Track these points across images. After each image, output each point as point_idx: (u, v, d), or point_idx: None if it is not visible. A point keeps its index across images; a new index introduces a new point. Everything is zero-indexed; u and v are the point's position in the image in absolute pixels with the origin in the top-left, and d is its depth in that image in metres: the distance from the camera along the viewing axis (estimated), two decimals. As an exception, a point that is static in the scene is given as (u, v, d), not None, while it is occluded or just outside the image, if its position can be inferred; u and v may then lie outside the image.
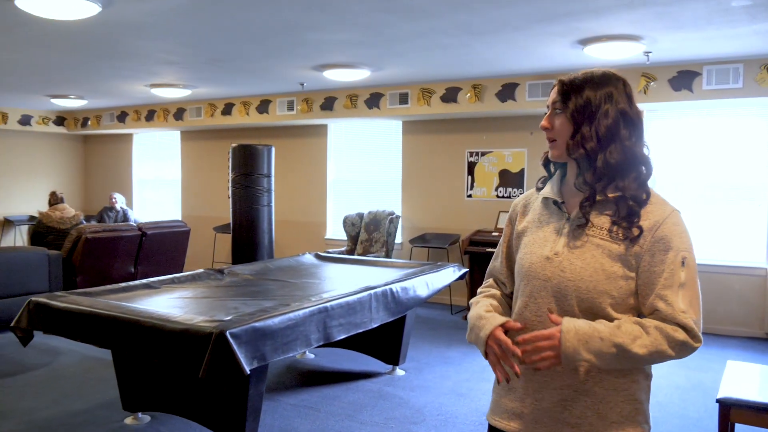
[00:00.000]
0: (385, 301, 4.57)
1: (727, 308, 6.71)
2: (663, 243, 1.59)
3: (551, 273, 1.63)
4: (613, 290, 1.57)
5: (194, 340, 3.30)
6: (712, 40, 5.23)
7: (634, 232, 1.58)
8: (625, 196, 1.61)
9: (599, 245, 1.60)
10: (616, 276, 1.57)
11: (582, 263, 1.60)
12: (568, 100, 1.65)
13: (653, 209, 1.63)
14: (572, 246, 1.63)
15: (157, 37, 5.34)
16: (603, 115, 1.62)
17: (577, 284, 1.59)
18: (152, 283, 4.72)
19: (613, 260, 1.58)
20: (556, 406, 1.63)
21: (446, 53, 5.81)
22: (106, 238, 7.47)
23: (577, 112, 1.64)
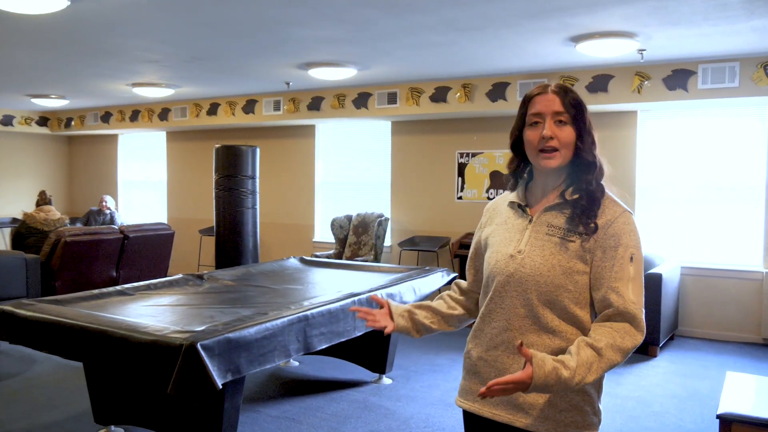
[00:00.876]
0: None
1: (722, 313, 6.56)
2: (614, 239, 1.71)
3: (513, 269, 1.77)
4: (570, 284, 1.72)
5: (163, 353, 3.11)
6: (708, 37, 5.07)
7: (590, 228, 1.72)
8: (582, 197, 1.76)
9: (557, 243, 1.74)
10: (573, 271, 1.72)
11: (541, 260, 1.74)
12: (570, 110, 1.76)
13: (607, 208, 1.76)
14: (533, 245, 1.77)
15: (133, 34, 5.14)
16: (588, 124, 1.79)
17: (536, 279, 1.73)
18: (127, 290, 4.53)
19: (569, 256, 1.73)
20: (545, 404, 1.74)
21: (434, 51, 5.63)
22: (86, 241, 7.26)
23: (580, 121, 1.76)
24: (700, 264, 6.69)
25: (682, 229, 6.86)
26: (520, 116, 1.85)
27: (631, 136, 6.86)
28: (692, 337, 6.66)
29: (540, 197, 1.85)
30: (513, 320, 1.77)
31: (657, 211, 6.92)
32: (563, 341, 1.73)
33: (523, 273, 1.75)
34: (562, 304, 1.73)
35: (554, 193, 1.82)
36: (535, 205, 1.85)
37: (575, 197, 1.76)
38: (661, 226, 6.92)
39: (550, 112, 1.76)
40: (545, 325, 1.74)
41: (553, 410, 1.74)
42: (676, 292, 6.46)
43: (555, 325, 1.74)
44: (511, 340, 1.77)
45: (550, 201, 1.82)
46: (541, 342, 1.74)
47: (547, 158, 1.77)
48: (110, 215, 10.05)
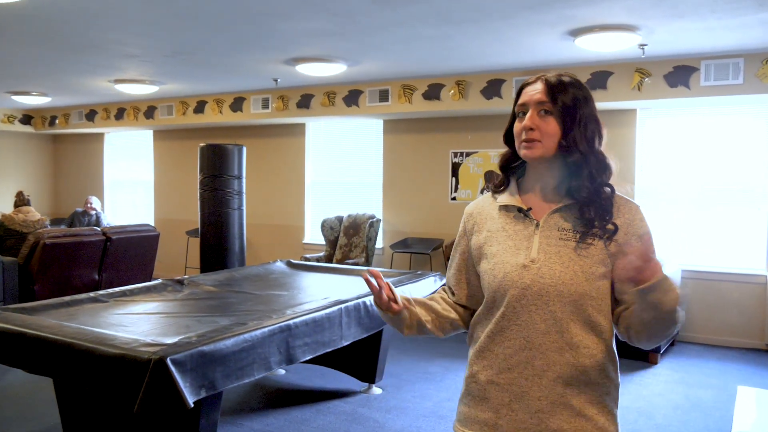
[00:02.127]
0: (358, 316, 4.15)
1: (725, 318, 6.34)
2: (635, 238, 1.62)
3: (530, 280, 1.61)
4: (593, 291, 1.59)
5: (131, 368, 2.87)
6: (713, 31, 4.84)
7: (609, 228, 1.62)
8: (595, 198, 1.64)
9: (574, 248, 1.61)
10: (595, 276, 1.59)
11: (561, 267, 1.60)
12: (556, 100, 1.63)
13: (621, 206, 1.67)
14: (547, 252, 1.62)
15: (109, 26, 4.88)
16: (586, 117, 1.64)
17: (558, 288, 1.59)
18: (100, 297, 4.27)
19: (591, 261, 1.60)
20: (532, 417, 1.60)
21: (426, 45, 5.39)
22: (66, 243, 7.00)
23: (566, 114, 1.63)
24: (702, 267, 6.47)
25: (683, 232, 6.63)
26: (513, 107, 1.75)
27: (631, 135, 6.63)
28: (694, 343, 6.44)
29: (540, 199, 1.70)
30: (533, 337, 1.61)
31: (657, 212, 6.69)
32: (585, 358, 1.59)
33: (542, 284, 1.60)
34: (586, 314, 1.59)
35: (557, 194, 1.68)
36: (536, 208, 1.69)
37: (584, 197, 1.63)
38: (662, 228, 6.69)
39: (533, 102, 1.65)
40: (569, 339, 1.59)
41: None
42: (677, 296, 6.23)
43: (579, 339, 1.59)
44: (530, 360, 1.60)
45: (554, 202, 1.68)
46: (563, 360, 1.59)
47: (526, 147, 1.65)
48: (96, 216, 9.78)
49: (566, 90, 1.64)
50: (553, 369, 1.58)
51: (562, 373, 1.58)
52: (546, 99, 1.63)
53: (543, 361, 1.59)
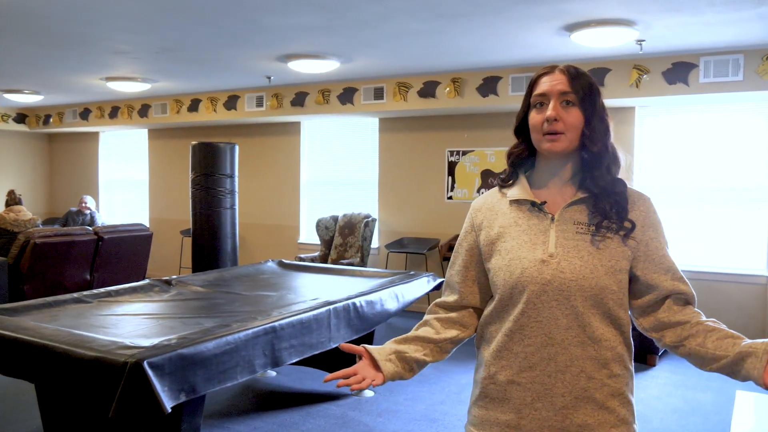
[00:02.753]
0: (347, 318, 4.06)
1: (724, 319, 6.16)
2: (652, 230, 1.63)
3: (550, 276, 1.56)
4: (614, 284, 1.57)
5: (107, 371, 2.78)
6: (712, 26, 4.74)
7: (626, 225, 1.60)
8: (610, 191, 1.62)
9: (593, 242, 1.58)
10: (615, 270, 1.57)
11: (581, 261, 1.56)
12: (578, 90, 1.58)
13: (635, 200, 1.66)
14: (565, 246, 1.59)
15: (95, 21, 4.77)
16: (602, 108, 1.62)
17: (579, 283, 1.55)
18: (85, 297, 4.18)
19: (610, 254, 1.58)
20: (557, 414, 1.58)
21: (419, 41, 5.28)
22: (57, 243, 6.91)
23: (589, 104, 1.59)
24: (701, 267, 6.35)
25: (682, 231, 6.52)
26: (525, 98, 1.67)
27: (629, 133, 6.53)
28: (693, 345, 6.32)
29: (554, 193, 1.66)
30: (555, 334, 1.57)
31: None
32: (607, 350, 1.58)
33: (563, 279, 1.56)
34: (606, 307, 1.57)
35: (571, 187, 1.65)
36: (550, 202, 1.65)
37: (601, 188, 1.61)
38: (660, 228, 6.59)
39: (555, 92, 1.58)
40: (591, 333, 1.57)
41: (603, 428, 1.59)
42: (675, 297, 6.12)
43: (600, 333, 1.57)
44: (553, 356, 1.57)
45: (568, 195, 1.64)
46: (585, 354, 1.57)
47: (551, 140, 1.59)
48: (90, 216, 9.70)
49: (584, 79, 1.60)
50: (576, 364, 1.56)
51: (584, 367, 1.56)
52: (569, 89, 1.58)
53: (566, 356, 1.56)
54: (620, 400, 1.60)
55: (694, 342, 1.60)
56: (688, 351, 1.61)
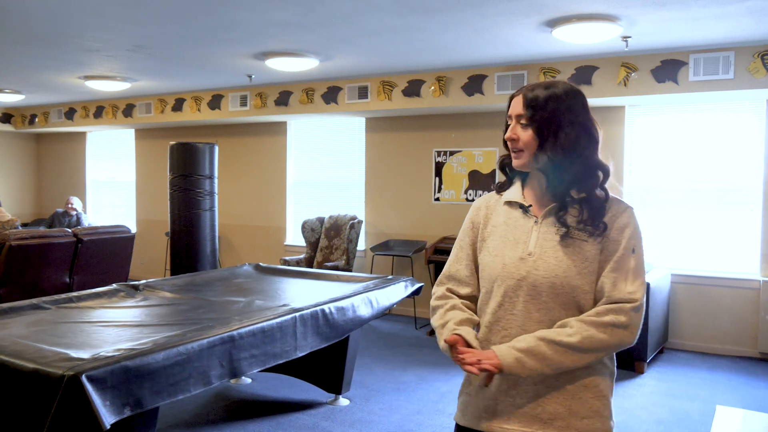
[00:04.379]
0: (315, 325, 3.88)
1: (716, 324, 6.05)
2: (617, 233, 1.71)
3: (526, 272, 1.71)
4: (585, 285, 1.69)
5: (44, 385, 2.61)
6: (699, 22, 4.56)
7: (600, 227, 1.71)
8: (588, 199, 1.73)
9: (569, 243, 1.71)
10: (587, 271, 1.69)
11: (555, 261, 1.70)
12: (534, 114, 1.74)
13: (612, 205, 1.75)
14: (543, 246, 1.73)
15: (64, 18, 4.62)
16: (566, 128, 1.72)
17: (552, 281, 1.69)
18: (43, 304, 4.01)
19: (584, 257, 1.70)
20: (530, 402, 1.70)
21: (398, 38, 5.11)
22: (34, 245, 6.75)
23: (543, 127, 1.73)
24: (692, 271, 6.18)
25: (673, 234, 6.34)
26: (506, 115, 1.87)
27: (618, 133, 6.36)
28: (683, 350, 6.15)
29: (539, 197, 1.81)
30: (528, 326, 1.71)
31: (646, 214, 6.40)
32: None
33: (537, 275, 1.71)
34: (578, 305, 1.70)
35: (549, 195, 1.79)
36: (535, 206, 1.82)
37: (582, 196, 1.74)
38: (650, 231, 6.41)
39: (514, 115, 1.78)
40: None
41: (575, 418, 1.69)
42: (666, 302, 5.95)
43: None
44: None
45: (549, 202, 1.79)
46: None
47: (515, 157, 1.79)
48: (77, 217, 9.56)
49: (544, 103, 1.73)
50: None
51: None
52: (523, 112, 1.74)
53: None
54: (593, 392, 1.70)
55: None
56: None
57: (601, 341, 1.64)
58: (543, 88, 1.76)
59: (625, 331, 1.65)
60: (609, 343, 1.65)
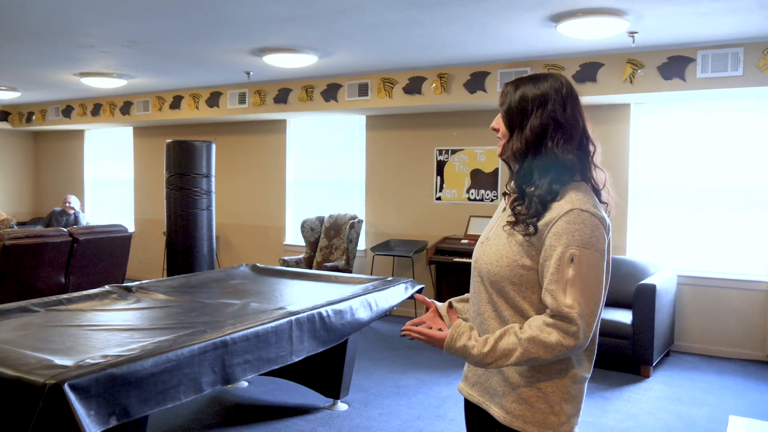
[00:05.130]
0: (312, 329, 3.77)
1: (723, 327, 5.92)
2: (554, 239, 1.67)
3: (478, 256, 1.84)
4: (514, 277, 1.73)
5: (26, 393, 2.50)
6: (708, 17, 4.43)
7: (530, 230, 1.71)
8: (540, 195, 1.72)
9: (510, 234, 1.76)
10: (516, 264, 1.72)
11: (494, 249, 1.78)
12: (503, 103, 1.81)
13: (554, 208, 1.70)
14: (495, 233, 1.82)
15: (57, 12, 4.50)
16: (533, 119, 1.74)
17: (488, 268, 1.78)
18: (32, 306, 3.90)
19: (514, 250, 1.74)
20: (483, 374, 1.87)
21: (398, 33, 4.99)
22: (28, 245, 6.63)
23: (509, 116, 1.79)
24: (699, 273, 6.05)
25: (679, 235, 6.21)
26: None
27: (624, 131, 6.22)
28: (690, 353, 6.02)
29: None
30: (480, 306, 1.83)
31: (651, 214, 6.28)
32: None
33: (482, 261, 1.81)
34: (510, 296, 1.75)
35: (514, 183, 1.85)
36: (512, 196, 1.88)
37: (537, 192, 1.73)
38: (656, 231, 6.28)
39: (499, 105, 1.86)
40: (501, 314, 1.77)
41: (506, 400, 1.79)
42: (672, 304, 5.82)
43: (507, 315, 1.76)
44: (480, 324, 1.84)
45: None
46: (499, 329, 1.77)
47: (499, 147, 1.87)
48: (74, 216, 9.45)
49: (515, 91, 1.78)
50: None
51: None
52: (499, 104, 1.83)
53: (486, 327, 1.80)
54: (526, 380, 1.76)
55: None
56: None
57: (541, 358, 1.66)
58: (528, 78, 1.80)
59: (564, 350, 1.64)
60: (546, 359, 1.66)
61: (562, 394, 1.76)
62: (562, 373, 1.76)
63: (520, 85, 1.78)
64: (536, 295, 1.72)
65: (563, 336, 1.62)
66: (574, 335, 1.62)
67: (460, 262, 6.30)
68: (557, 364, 1.75)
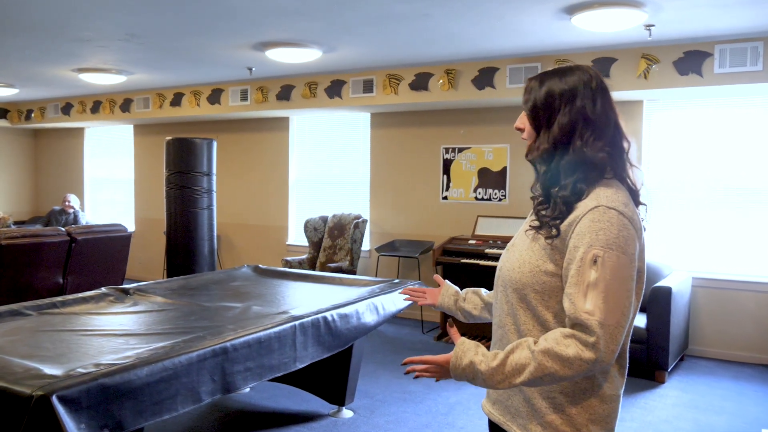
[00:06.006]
0: (317, 334, 3.60)
1: (738, 330, 5.74)
2: (577, 239, 1.55)
3: (502, 264, 1.74)
4: (536, 284, 1.61)
5: (12, 405, 2.34)
6: (727, 9, 4.26)
7: (553, 232, 1.60)
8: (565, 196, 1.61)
9: (533, 239, 1.66)
10: (539, 270, 1.61)
11: (516, 256, 1.68)
12: (527, 102, 1.69)
13: (579, 207, 1.59)
14: (520, 239, 1.72)
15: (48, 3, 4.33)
16: (561, 116, 1.63)
17: (510, 275, 1.67)
18: (25, 309, 3.73)
19: (537, 255, 1.63)
20: (504, 392, 1.73)
21: (404, 27, 4.81)
22: (25, 245, 6.48)
23: (534, 114, 1.67)
24: (714, 275, 5.87)
25: (694, 236, 6.03)
26: None
27: (636, 129, 6.04)
28: (704, 358, 5.84)
29: None
30: (501, 318, 1.73)
31: (665, 214, 6.09)
32: None
33: (506, 269, 1.72)
34: (531, 305, 1.64)
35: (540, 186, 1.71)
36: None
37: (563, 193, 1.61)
38: (670, 232, 6.10)
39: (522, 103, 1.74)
40: (519, 326, 1.66)
41: (530, 423, 1.66)
42: (686, 307, 5.64)
43: (527, 329, 1.64)
44: (501, 337, 1.73)
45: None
46: None
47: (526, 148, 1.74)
48: (74, 215, 9.30)
49: (540, 87, 1.66)
50: None
51: None
52: (523, 102, 1.70)
53: (507, 340, 1.68)
54: (549, 403, 1.62)
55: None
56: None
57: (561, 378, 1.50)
58: (553, 72, 1.68)
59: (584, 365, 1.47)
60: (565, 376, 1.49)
61: (588, 415, 1.61)
62: (586, 393, 1.61)
63: (546, 79, 1.66)
64: (560, 305, 1.59)
65: (581, 348, 1.46)
66: (594, 347, 1.45)
67: (468, 263, 6.12)
68: (581, 383, 1.60)
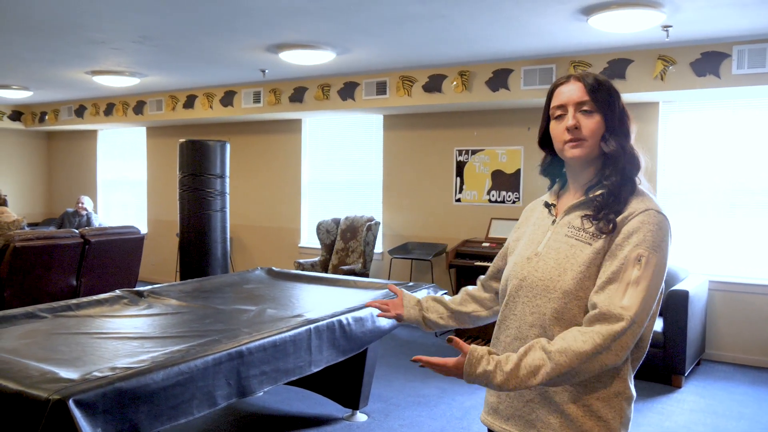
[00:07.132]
0: (332, 338, 3.58)
1: (756, 334, 5.67)
2: (623, 237, 1.53)
3: (527, 272, 1.65)
4: (580, 291, 1.56)
5: (29, 408, 2.33)
6: (747, 9, 4.20)
7: (608, 225, 1.55)
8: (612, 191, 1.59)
9: (573, 245, 1.60)
10: (585, 276, 1.55)
11: (554, 263, 1.61)
12: (597, 98, 1.62)
13: (630, 205, 1.58)
14: (551, 247, 1.65)
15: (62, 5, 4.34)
16: (621, 113, 1.64)
17: (546, 284, 1.60)
18: (40, 312, 3.73)
19: (584, 261, 1.57)
20: (525, 406, 1.65)
21: (419, 28, 4.78)
22: (39, 246, 6.50)
23: (608, 110, 1.63)
24: (731, 278, 5.80)
25: (711, 239, 5.96)
26: (544, 110, 1.73)
27: (652, 131, 5.99)
28: (722, 362, 5.77)
29: (570, 197, 1.72)
30: (523, 329, 1.64)
31: (682, 217, 6.03)
32: None
33: (534, 277, 1.63)
34: (570, 313, 1.56)
35: (581, 191, 1.68)
36: (564, 205, 1.73)
37: (597, 193, 1.61)
38: (687, 235, 6.03)
39: (573, 102, 1.63)
40: (552, 337, 1.56)
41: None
42: (703, 310, 5.58)
43: None
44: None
45: (575, 199, 1.68)
46: None
47: (573, 146, 1.63)
48: (87, 217, 9.33)
49: (602, 87, 1.63)
50: None
51: None
52: (587, 98, 1.62)
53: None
54: (585, 410, 1.57)
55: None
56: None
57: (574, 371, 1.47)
58: (593, 73, 1.68)
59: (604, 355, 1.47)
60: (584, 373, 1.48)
61: (621, 419, 1.60)
62: (619, 396, 1.59)
63: (601, 79, 1.65)
64: None
65: (603, 338, 1.45)
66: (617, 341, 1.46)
67: (482, 266, 6.08)
68: (615, 385, 1.58)
